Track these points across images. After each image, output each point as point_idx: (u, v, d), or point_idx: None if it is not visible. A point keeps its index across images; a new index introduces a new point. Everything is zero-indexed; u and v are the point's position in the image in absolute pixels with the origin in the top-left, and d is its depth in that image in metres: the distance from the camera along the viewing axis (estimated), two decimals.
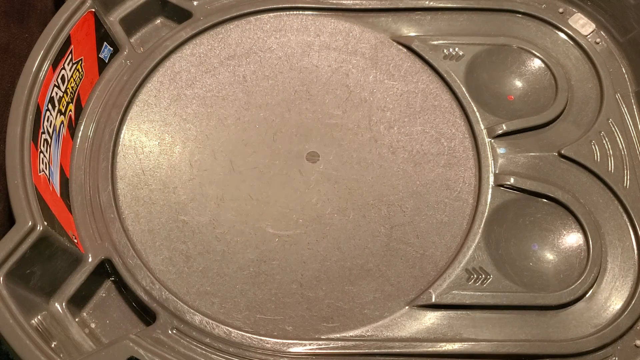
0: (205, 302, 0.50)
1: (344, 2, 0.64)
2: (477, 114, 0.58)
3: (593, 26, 0.64)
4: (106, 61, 0.59)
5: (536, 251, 0.53)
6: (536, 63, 0.62)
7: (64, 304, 0.48)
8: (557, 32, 0.64)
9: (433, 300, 0.50)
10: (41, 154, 0.50)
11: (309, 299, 0.50)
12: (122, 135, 0.56)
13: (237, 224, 0.53)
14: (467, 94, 0.59)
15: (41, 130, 0.50)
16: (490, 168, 0.56)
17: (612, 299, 0.51)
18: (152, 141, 0.56)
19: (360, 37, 0.62)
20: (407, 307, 0.50)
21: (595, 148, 0.57)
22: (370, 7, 0.64)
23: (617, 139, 0.58)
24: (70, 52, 0.54)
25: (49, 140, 0.51)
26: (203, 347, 0.47)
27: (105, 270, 0.50)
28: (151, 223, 0.53)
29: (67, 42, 0.54)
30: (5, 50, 0.54)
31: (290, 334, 0.49)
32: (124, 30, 0.60)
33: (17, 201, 0.45)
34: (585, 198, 0.55)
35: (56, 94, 0.53)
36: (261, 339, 0.48)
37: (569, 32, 0.64)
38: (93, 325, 0.49)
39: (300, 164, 0.56)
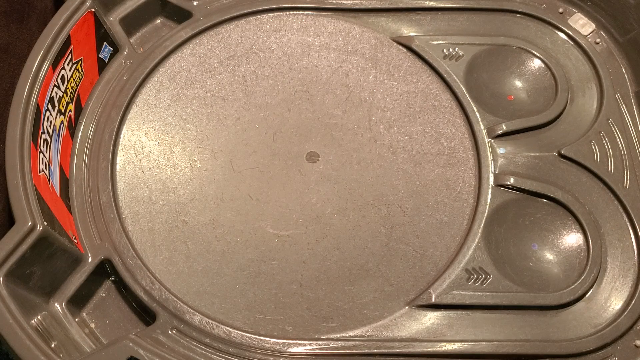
0: (205, 302, 0.50)
1: (344, 2, 0.64)
2: (477, 114, 0.58)
3: (593, 26, 0.64)
4: (106, 61, 0.59)
5: (536, 251, 0.53)
6: (536, 63, 0.62)
7: (64, 304, 0.48)
8: (557, 32, 0.64)
9: (433, 300, 0.50)
10: (41, 154, 0.50)
11: (309, 299, 0.50)
12: (122, 135, 0.56)
13: (237, 224, 0.53)
14: (467, 94, 0.59)
15: (41, 130, 0.50)
16: (490, 168, 0.56)
17: (612, 299, 0.51)
18: (152, 141, 0.56)
19: (360, 37, 0.62)
20: (407, 307, 0.50)
21: (595, 148, 0.57)
22: (370, 7, 0.64)
23: (617, 139, 0.58)
24: (70, 52, 0.54)
25: (49, 140, 0.51)
26: (203, 347, 0.47)
27: (105, 270, 0.50)
28: (151, 223, 0.53)
29: (67, 42, 0.54)
30: (5, 50, 0.54)
31: (290, 334, 0.49)
32: (124, 30, 0.60)
33: (17, 201, 0.45)
34: (585, 198, 0.55)
35: (56, 94, 0.53)
36: (261, 339, 0.48)
37: (569, 32, 0.64)
38: (93, 325, 0.49)
39: (300, 164, 0.56)
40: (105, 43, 0.59)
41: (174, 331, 0.48)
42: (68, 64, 0.54)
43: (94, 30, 0.57)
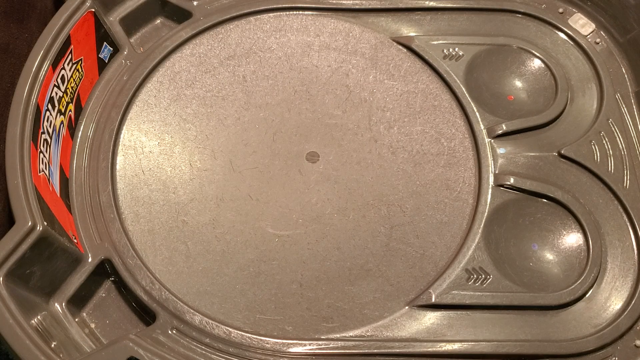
0: (205, 302, 0.50)
1: (344, 2, 0.64)
2: (477, 114, 0.58)
3: (593, 26, 0.64)
4: (106, 61, 0.59)
5: (536, 251, 0.53)
6: (536, 63, 0.62)
7: (63, 304, 0.48)
8: (557, 32, 0.64)
9: (433, 300, 0.50)
10: (41, 154, 0.50)
11: (309, 299, 0.50)
12: (122, 135, 0.56)
13: (237, 224, 0.53)
14: (467, 94, 0.59)
15: (41, 130, 0.50)
16: (490, 168, 0.56)
17: (612, 299, 0.51)
18: (152, 141, 0.56)
19: (360, 37, 0.62)
20: (407, 307, 0.50)
21: (595, 148, 0.57)
22: (370, 7, 0.64)
23: (617, 139, 0.58)
24: (70, 52, 0.54)
25: (49, 140, 0.51)
26: (203, 347, 0.47)
27: (105, 270, 0.50)
28: (151, 223, 0.53)
29: (67, 42, 0.54)
30: (5, 50, 0.54)
31: (290, 334, 0.49)
32: (124, 30, 0.60)
33: (17, 201, 0.45)
34: (585, 198, 0.55)
35: (56, 94, 0.53)
36: (261, 339, 0.48)
37: (569, 32, 0.64)
38: (93, 325, 0.49)
39: (300, 164, 0.56)
40: (105, 43, 0.59)
41: (174, 331, 0.48)
42: (68, 64, 0.54)
43: (94, 30, 0.57)
